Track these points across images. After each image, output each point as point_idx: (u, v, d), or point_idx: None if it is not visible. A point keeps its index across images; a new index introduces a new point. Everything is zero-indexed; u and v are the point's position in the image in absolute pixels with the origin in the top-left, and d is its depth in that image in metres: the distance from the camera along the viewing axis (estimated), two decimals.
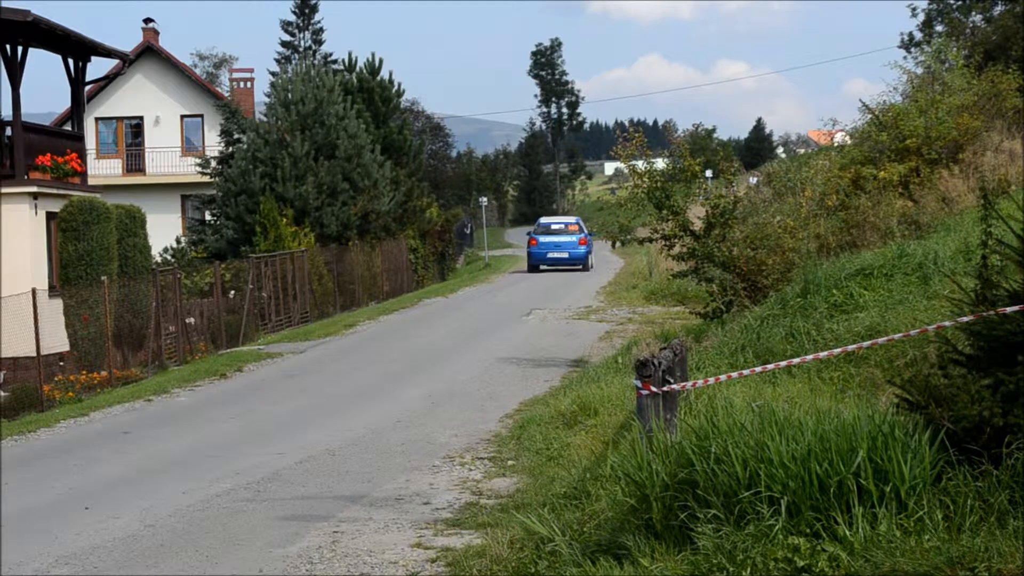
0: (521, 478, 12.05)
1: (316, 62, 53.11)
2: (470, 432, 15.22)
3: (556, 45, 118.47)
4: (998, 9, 37.77)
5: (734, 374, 10.25)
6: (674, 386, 8.84)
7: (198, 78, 53.99)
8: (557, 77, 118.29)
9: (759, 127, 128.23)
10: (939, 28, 39.83)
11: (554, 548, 8.09)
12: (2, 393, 23.73)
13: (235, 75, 56.31)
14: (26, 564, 10.00)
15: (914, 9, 41.99)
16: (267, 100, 42.87)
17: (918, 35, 41.17)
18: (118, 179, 47.13)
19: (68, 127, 33.10)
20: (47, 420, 19.11)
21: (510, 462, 13.08)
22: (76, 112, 31.70)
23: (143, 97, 49.25)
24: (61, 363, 25.73)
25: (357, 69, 48.50)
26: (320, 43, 68.67)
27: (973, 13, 39.15)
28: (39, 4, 36.67)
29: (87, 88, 34.04)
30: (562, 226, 47.77)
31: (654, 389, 8.34)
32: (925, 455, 6.76)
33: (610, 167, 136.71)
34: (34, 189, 27.43)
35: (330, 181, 39.07)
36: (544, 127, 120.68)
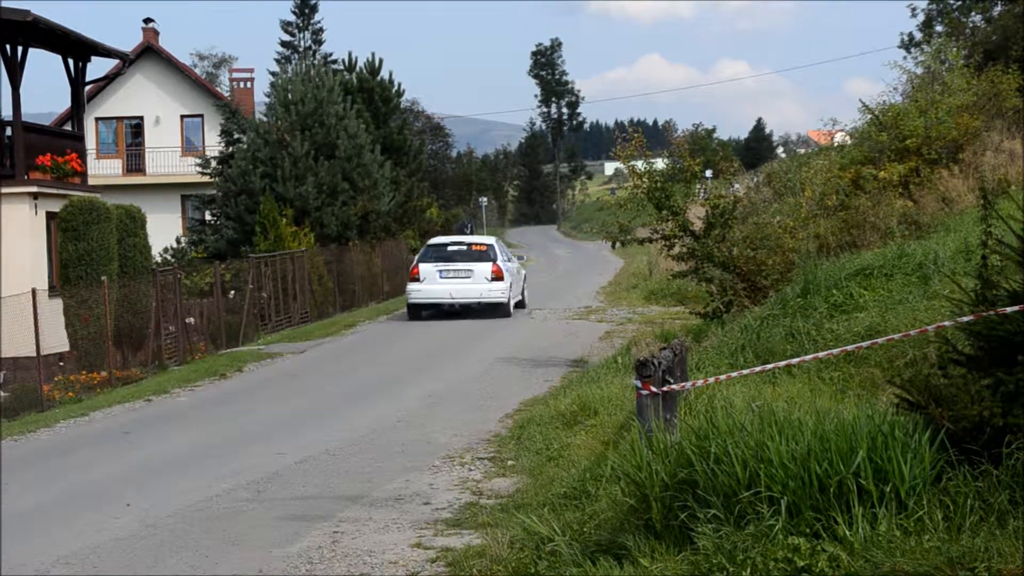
0: (521, 478, 12.04)
1: (316, 62, 53.13)
2: (470, 432, 15.21)
3: (556, 45, 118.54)
4: (998, 9, 37.74)
5: (734, 374, 10.25)
6: (674, 386, 8.84)
7: (198, 78, 54.00)
8: (557, 77, 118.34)
9: (759, 127, 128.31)
10: (939, 28, 39.80)
11: (554, 548, 8.09)
12: (2, 393, 23.73)
13: (235, 75, 56.37)
14: (26, 564, 10.00)
15: (914, 9, 41.99)
16: (267, 100, 42.89)
17: (918, 35, 41.14)
18: (118, 179, 47.15)
19: (68, 127, 33.12)
20: (47, 420, 19.11)
21: (510, 462, 13.07)
22: (76, 112, 31.71)
23: (143, 97, 49.27)
24: (61, 363, 25.73)
25: (357, 69, 48.52)
26: (320, 43, 68.63)
27: (973, 13, 39.13)
28: (39, 4, 36.71)
29: (87, 88, 34.06)
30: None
31: (654, 389, 8.34)
32: (925, 455, 6.76)
33: (610, 167, 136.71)
34: (34, 189, 27.44)
35: (330, 181, 39.07)
36: (544, 127, 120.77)
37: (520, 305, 33.22)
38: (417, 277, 31.52)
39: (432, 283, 31.25)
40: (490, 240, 34.29)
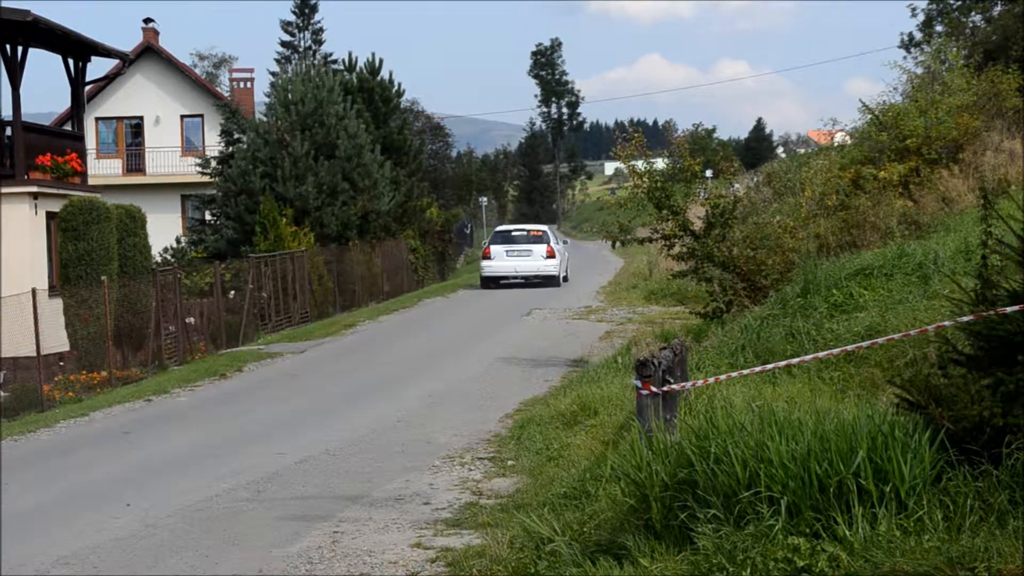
0: (521, 478, 12.04)
1: (316, 62, 53.10)
2: (470, 432, 15.21)
3: (556, 45, 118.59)
4: (998, 9, 37.74)
5: (734, 374, 10.25)
6: (674, 386, 8.84)
7: (198, 78, 54.01)
8: (557, 77, 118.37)
9: (759, 127, 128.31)
10: (939, 28, 39.80)
11: (554, 548, 8.09)
12: (2, 393, 23.73)
13: (235, 75, 56.37)
14: (26, 564, 10.00)
15: (914, 9, 41.98)
16: (267, 100, 42.90)
17: (918, 35, 41.15)
18: (118, 179, 47.15)
19: (68, 127, 33.13)
20: (47, 420, 19.12)
21: (510, 462, 13.07)
22: (76, 112, 31.72)
23: (143, 97, 49.28)
24: (61, 363, 25.73)
25: (357, 69, 48.50)
26: (320, 43, 68.59)
27: (973, 13, 39.14)
28: (39, 4, 36.68)
29: (87, 88, 34.07)
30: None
31: (654, 389, 8.34)
32: (925, 455, 6.76)
33: (610, 167, 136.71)
34: (34, 189, 27.45)
35: (330, 181, 39.07)
36: (544, 127, 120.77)
37: (565, 279, 41.64)
38: (489, 256, 40.96)
39: (500, 260, 40.62)
40: (544, 227, 44.19)
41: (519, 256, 40.60)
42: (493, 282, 40.52)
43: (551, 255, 40.54)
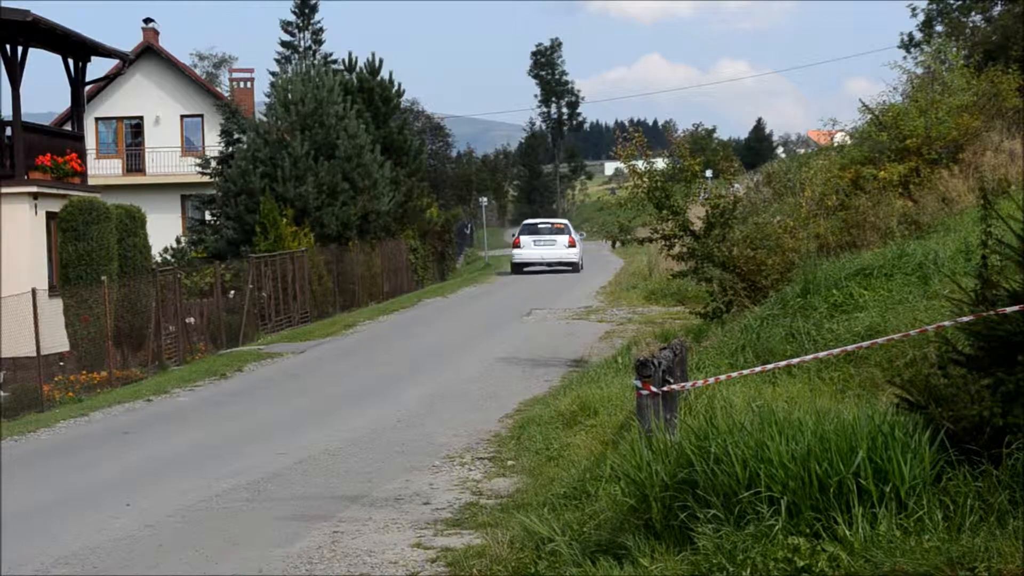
0: (521, 478, 12.05)
1: (316, 62, 53.08)
2: (470, 432, 15.22)
3: (556, 45, 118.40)
4: (998, 9, 37.76)
5: (734, 374, 10.26)
6: (674, 386, 8.84)
7: (198, 78, 54.02)
8: (557, 77, 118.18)
9: (759, 127, 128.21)
10: (939, 28, 39.79)
11: (554, 548, 8.09)
12: (2, 393, 23.72)
13: (235, 75, 56.36)
14: (26, 564, 10.00)
15: (914, 9, 41.95)
16: (267, 100, 42.91)
17: (918, 35, 41.10)
18: (118, 179, 47.14)
19: (68, 127, 33.12)
20: (47, 420, 19.12)
21: (510, 462, 13.08)
22: (76, 112, 31.72)
23: (143, 97, 49.26)
24: (61, 363, 25.71)
25: (357, 69, 48.48)
26: (320, 43, 68.59)
27: (973, 13, 39.14)
28: (39, 4, 36.68)
29: (87, 88, 34.07)
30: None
31: (654, 389, 8.34)
32: (925, 455, 6.76)
33: (610, 167, 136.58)
34: (34, 189, 27.44)
35: (330, 181, 39.07)
36: (544, 127, 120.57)
37: (581, 267, 47.53)
38: (519, 245, 48.28)
39: (528, 249, 47.80)
40: (565, 221, 52.37)
41: (545, 245, 47.35)
42: (522, 268, 47.24)
43: (572, 245, 47.29)
